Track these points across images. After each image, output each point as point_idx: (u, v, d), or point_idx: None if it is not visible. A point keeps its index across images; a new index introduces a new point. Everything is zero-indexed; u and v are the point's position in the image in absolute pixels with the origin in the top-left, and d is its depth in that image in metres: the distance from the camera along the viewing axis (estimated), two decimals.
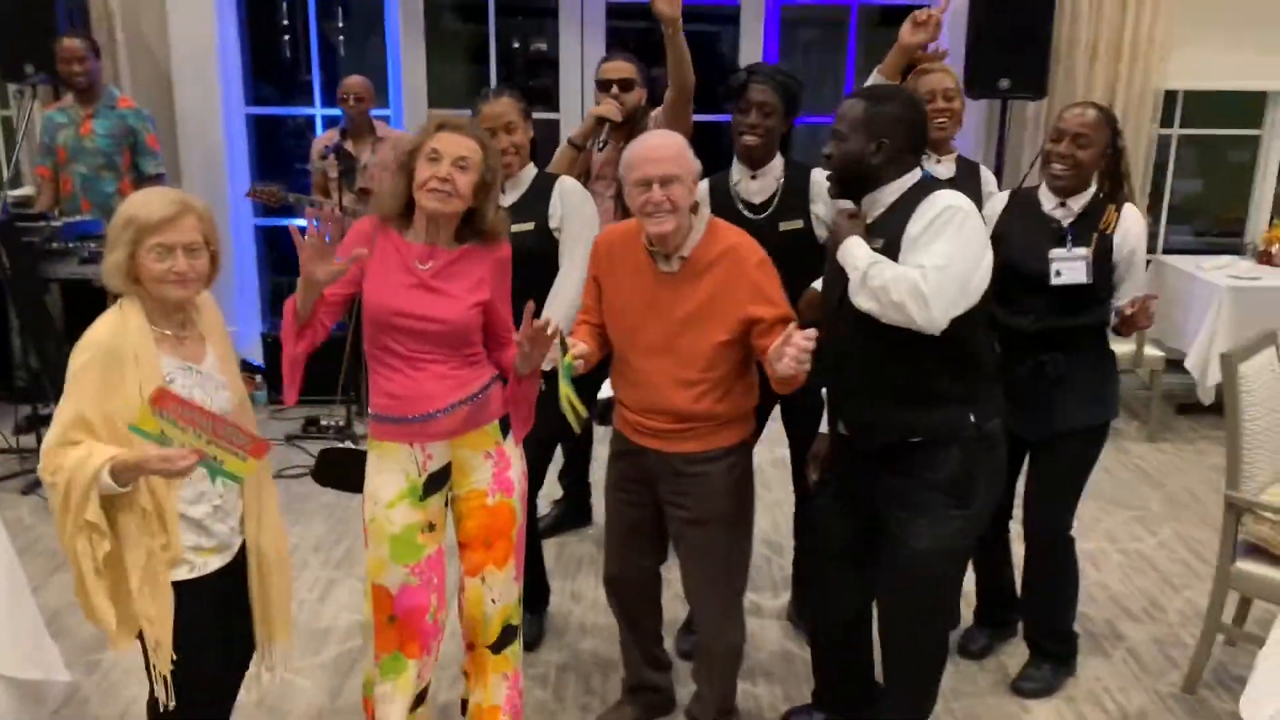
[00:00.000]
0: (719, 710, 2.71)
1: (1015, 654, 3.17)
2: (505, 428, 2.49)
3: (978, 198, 3.09)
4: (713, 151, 2.96)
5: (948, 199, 2.25)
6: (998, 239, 2.76)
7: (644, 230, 2.40)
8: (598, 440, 4.03)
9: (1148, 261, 3.31)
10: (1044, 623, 3.04)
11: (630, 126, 3.40)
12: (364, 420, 5.06)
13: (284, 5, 6.09)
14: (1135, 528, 4.12)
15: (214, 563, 2.15)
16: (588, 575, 3.67)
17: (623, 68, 3.44)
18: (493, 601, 2.49)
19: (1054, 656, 3.05)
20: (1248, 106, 5.69)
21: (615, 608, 2.78)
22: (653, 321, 2.43)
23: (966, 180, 3.16)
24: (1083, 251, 2.77)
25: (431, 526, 2.43)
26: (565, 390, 2.34)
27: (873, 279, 2.19)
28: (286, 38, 6.22)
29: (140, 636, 2.07)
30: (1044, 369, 2.81)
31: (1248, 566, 2.86)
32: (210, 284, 2.15)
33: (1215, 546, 3.78)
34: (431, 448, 2.40)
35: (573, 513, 4.02)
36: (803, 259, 2.79)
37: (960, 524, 2.37)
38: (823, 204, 2.89)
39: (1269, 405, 2.93)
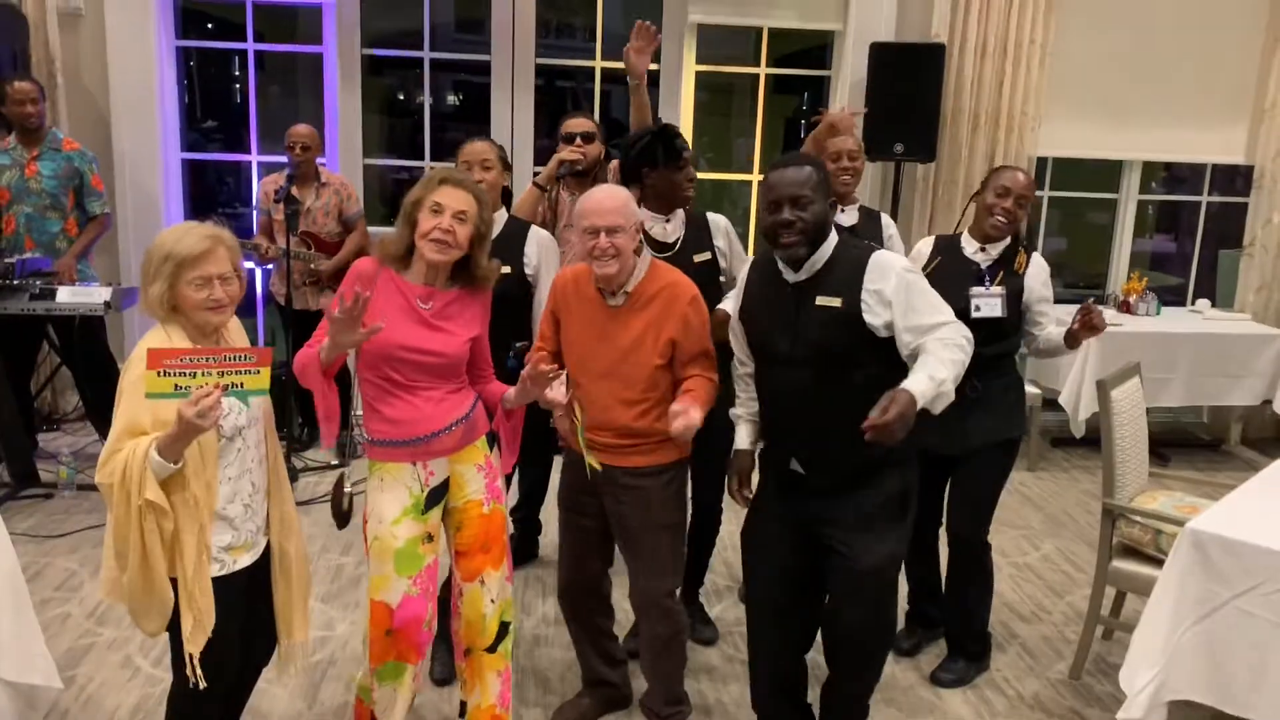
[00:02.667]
0: (667, 699, 3.00)
1: (935, 650, 3.56)
2: (491, 441, 2.76)
3: (879, 239, 3.56)
4: None
5: (893, 262, 2.46)
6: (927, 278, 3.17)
7: (593, 270, 2.72)
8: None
9: None
10: (963, 622, 3.41)
11: (592, 176, 3.76)
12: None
13: (235, 59, 6.25)
14: (1021, 543, 4.60)
15: (243, 560, 2.36)
16: (535, 591, 3.93)
17: (584, 123, 3.82)
18: (491, 601, 2.71)
19: (970, 653, 3.43)
20: (1105, 174, 6.37)
21: (568, 610, 3.04)
22: (601, 348, 2.74)
23: (869, 225, 3.62)
24: (999, 290, 3.18)
25: (430, 538, 2.64)
26: (582, 445, 2.66)
27: (948, 381, 2.29)
28: (236, 86, 6.38)
29: (170, 623, 2.26)
30: (964, 392, 3.05)
31: (1123, 565, 3.31)
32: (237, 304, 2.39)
33: (1090, 558, 4.31)
34: (433, 464, 2.63)
35: (523, 545, 4.19)
36: (710, 286, 3.16)
37: (902, 533, 2.59)
38: (722, 238, 3.35)
39: (1135, 425, 3.42)
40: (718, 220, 3.36)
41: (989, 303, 3.19)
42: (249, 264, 5.13)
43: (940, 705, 3.29)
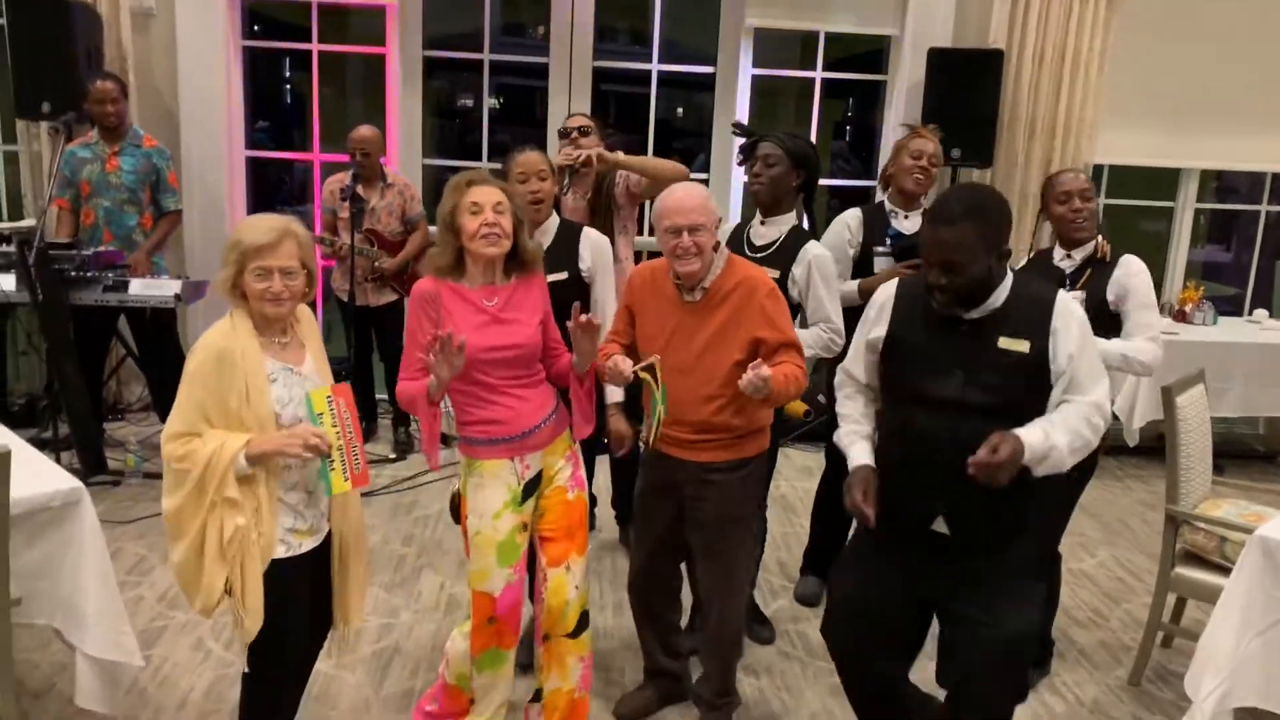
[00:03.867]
0: (720, 691, 3.03)
1: None
2: (572, 433, 2.85)
3: None
4: None
5: (1075, 310, 2.30)
6: None
7: (671, 268, 2.77)
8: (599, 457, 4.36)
9: None
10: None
11: (598, 180, 3.87)
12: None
13: (286, 60, 6.38)
14: (1077, 550, 4.59)
15: (307, 544, 2.44)
16: (594, 581, 3.99)
17: (579, 118, 3.95)
18: (575, 588, 2.78)
19: (1035, 660, 3.41)
20: (1159, 182, 6.34)
21: (637, 603, 3.09)
22: (679, 344, 2.78)
23: None
24: (1079, 293, 3.14)
25: (525, 526, 2.74)
26: (660, 411, 2.68)
27: (1063, 450, 2.20)
28: (288, 87, 6.50)
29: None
30: None
31: (1186, 572, 3.30)
32: (307, 299, 2.45)
33: (1146, 566, 4.30)
34: (530, 458, 2.72)
35: None
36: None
37: (1039, 595, 2.47)
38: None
39: (1200, 431, 3.41)
40: (814, 252, 3.22)
41: None
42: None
43: None
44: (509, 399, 2.67)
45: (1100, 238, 3.26)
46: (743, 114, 5.99)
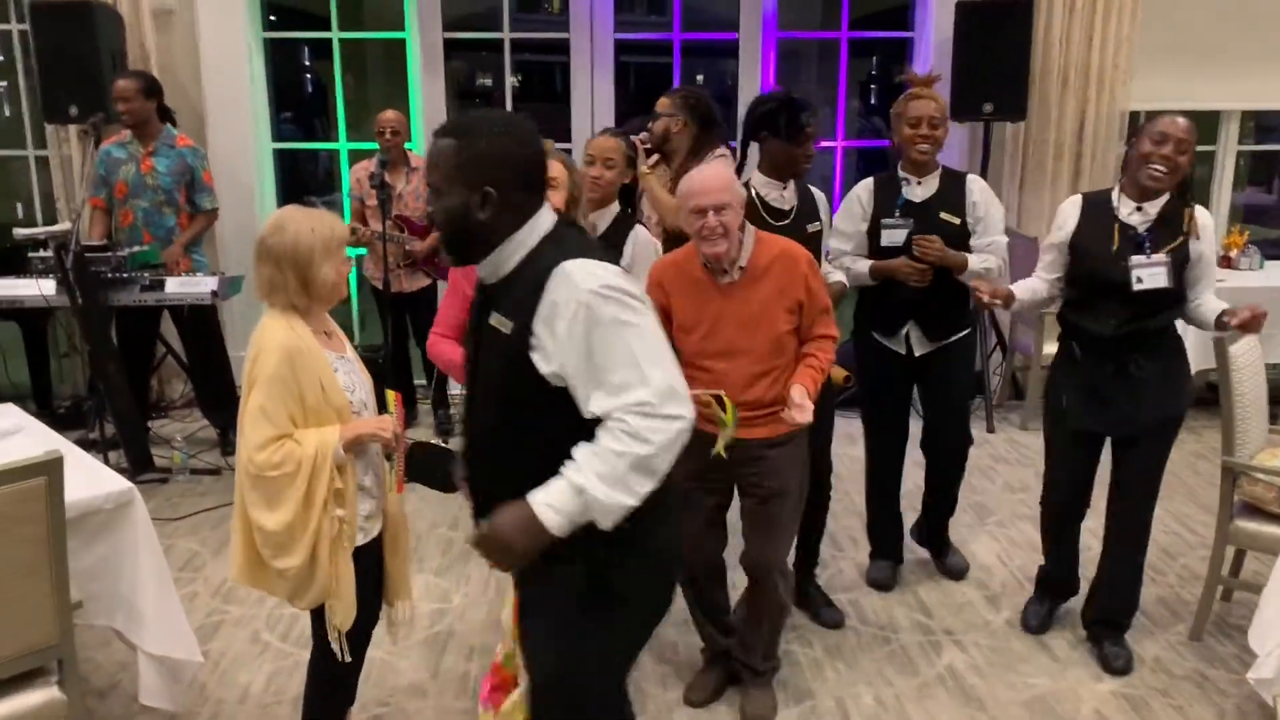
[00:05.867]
0: (765, 656, 3.03)
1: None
2: None
3: (962, 204, 3.40)
4: None
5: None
6: (1076, 250, 3.06)
7: (700, 251, 2.72)
8: None
9: None
10: (1128, 604, 3.30)
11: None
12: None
13: (305, 49, 6.35)
14: None
15: (376, 529, 2.45)
16: None
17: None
18: None
19: (1123, 629, 3.33)
20: (1202, 125, 6.18)
21: (691, 590, 3.05)
22: (722, 327, 2.74)
23: (952, 190, 3.42)
24: (1162, 258, 2.91)
25: None
26: (729, 435, 2.59)
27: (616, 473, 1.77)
28: (308, 76, 6.49)
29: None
30: (1127, 369, 3.01)
31: (1244, 524, 3.25)
32: None
33: (1202, 519, 4.23)
34: None
35: None
36: (817, 257, 3.17)
37: None
38: (824, 212, 3.32)
39: (1255, 380, 3.33)
40: (819, 195, 3.34)
41: (1152, 273, 2.93)
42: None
43: (1058, 667, 3.27)
44: None
45: (1191, 211, 2.97)
46: (768, 78, 5.91)
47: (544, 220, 1.87)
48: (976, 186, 3.47)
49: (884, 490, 3.79)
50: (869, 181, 3.54)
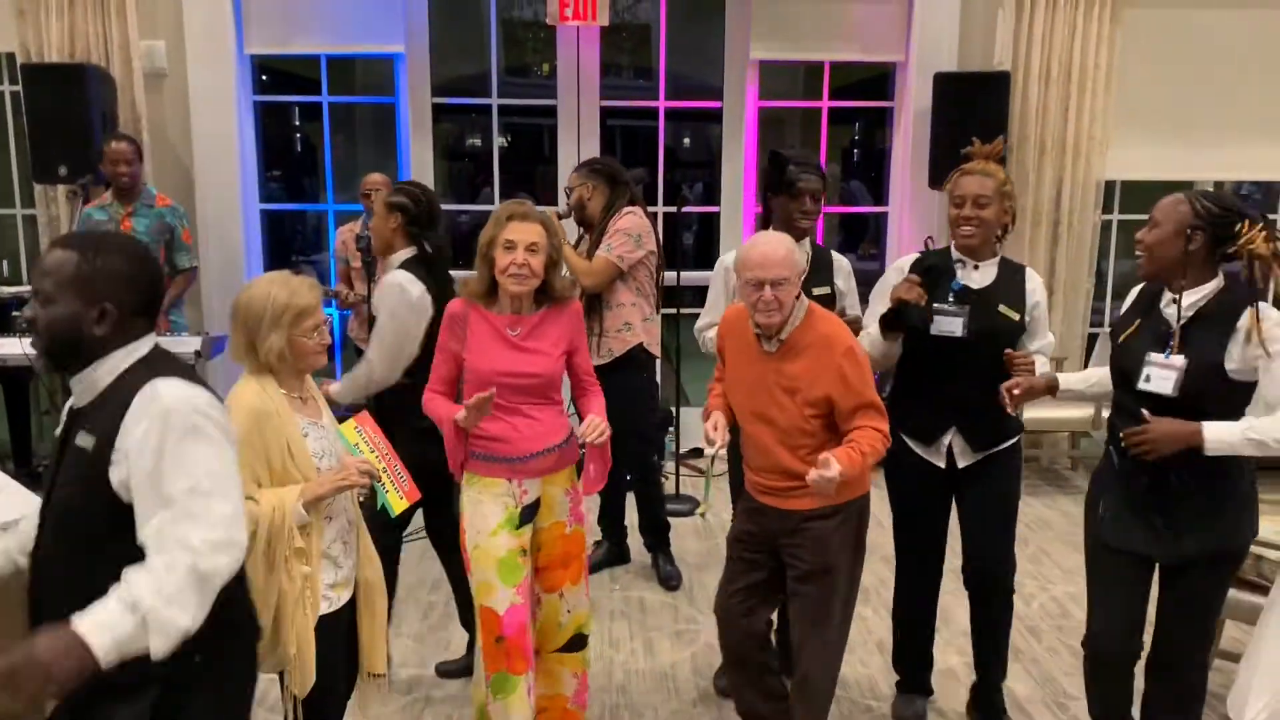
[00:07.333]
0: None
1: None
2: (578, 470, 2.89)
3: (1022, 301, 2.99)
4: None
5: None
6: (1129, 338, 2.69)
7: (752, 316, 2.71)
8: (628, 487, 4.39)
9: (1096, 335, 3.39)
10: None
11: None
12: None
13: (295, 110, 6.45)
14: None
15: (344, 596, 2.43)
16: (620, 624, 3.96)
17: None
18: (568, 612, 2.89)
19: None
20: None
21: (733, 661, 2.91)
22: (757, 391, 2.75)
23: (1011, 282, 3.01)
24: (1179, 361, 2.50)
25: (525, 552, 2.79)
26: (707, 503, 2.70)
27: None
28: (298, 136, 6.57)
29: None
30: (1169, 483, 2.58)
31: None
32: None
33: None
34: (527, 484, 2.77)
35: (615, 551, 4.51)
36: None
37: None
38: (843, 278, 3.35)
39: None
40: (841, 261, 3.39)
41: (1161, 375, 2.54)
42: (328, 309, 5.26)
43: None
44: (517, 419, 2.74)
45: (1253, 310, 2.48)
46: (750, 145, 6.01)
47: (144, 345, 1.85)
48: (1037, 282, 3.06)
49: (912, 619, 3.30)
50: (913, 257, 3.14)
